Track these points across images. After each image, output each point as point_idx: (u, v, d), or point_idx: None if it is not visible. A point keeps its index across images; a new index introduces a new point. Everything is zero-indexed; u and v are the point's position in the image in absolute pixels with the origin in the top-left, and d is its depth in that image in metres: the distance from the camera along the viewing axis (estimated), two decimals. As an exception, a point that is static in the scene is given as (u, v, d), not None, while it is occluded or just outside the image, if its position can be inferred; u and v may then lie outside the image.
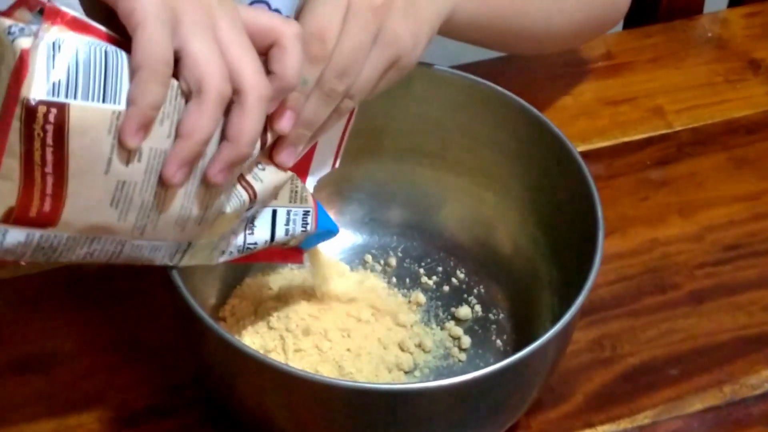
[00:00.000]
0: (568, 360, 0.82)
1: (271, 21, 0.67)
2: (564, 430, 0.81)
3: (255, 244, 0.73)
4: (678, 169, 0.99)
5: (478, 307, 0.86)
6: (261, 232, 0.73)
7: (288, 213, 0.74)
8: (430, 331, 0.84)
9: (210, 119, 0.64)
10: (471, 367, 0.82)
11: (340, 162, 0.81)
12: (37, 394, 0.80)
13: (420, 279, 0.88)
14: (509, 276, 0.86)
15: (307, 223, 0.74)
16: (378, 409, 0.70)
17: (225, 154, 0.66)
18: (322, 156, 0.79)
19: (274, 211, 0.73)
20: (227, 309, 0.83)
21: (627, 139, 1.01)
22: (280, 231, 0.74)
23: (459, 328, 0.84)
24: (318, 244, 0.79)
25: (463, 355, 0.83)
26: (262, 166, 0.71)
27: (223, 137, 0.66)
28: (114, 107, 0.62)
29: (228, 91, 0.64)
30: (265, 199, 0.72)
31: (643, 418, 0.81)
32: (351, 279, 0.85)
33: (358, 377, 0.78)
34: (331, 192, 0.88)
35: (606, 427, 0.81)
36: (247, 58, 0.65)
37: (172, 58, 0.62)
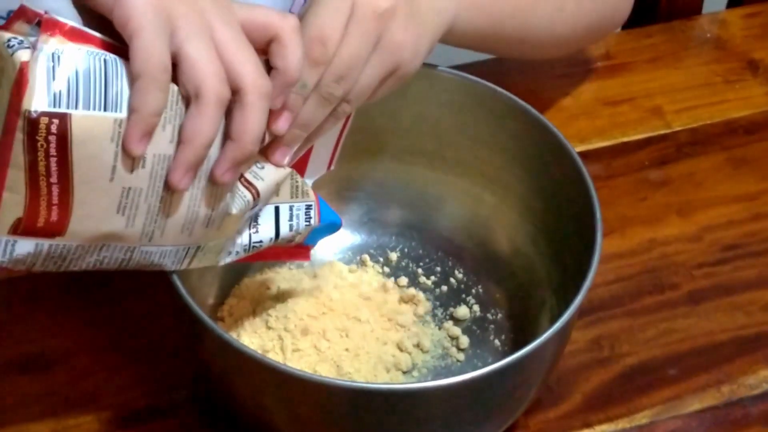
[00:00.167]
0: (566, 360, 0.82)
1: (268, 17, 0.67)
2: (562, 430, 0.81)
3: (260, 242, 0.73)
4: (677, 170, 0.99)
5: (476, 307, 0.86)
6: (265, 230, 0.73)
7: (291, 208, 0.74)
8: (429, 331, 0.84)
9: (210, 123, 0.64)
10: (469, 367, 0.82)
11: (336, 163, 0.81)
12: (37, 393, 0.80)
13: (418, 279, 0.88)
14: (508, 276, 0.86)
15: (310, 217, 0.74)
16: (376, 409, 0.70)
17: (230, 154, 0.66)
18: (319, 158, 0.79)
19: (276, 208, 0.73)
20: (226, 309, 0.83)
21: (626, 139, 1.01)
22: (284, 227, 0.74)
23: (457, 328, 0.84)
24: (322, 239, 0.79)
25: (461, 355, 0.83)
26: (261, 164, 0.71)
27: (227, 137, 0.66)
28: (116, 115, 0.62)
29: (226, 92, 0.64)
30: (267, 197, 0.72)
31: (641, 418, 0.81)
32: (349, 279, 0.85)
33: (357, 377, 0.78)
34: (330, 192, 0.88)
35: (604, 426, 0.81)
36: (245, 57, 0.65)
37: (169, 63, 0.62)
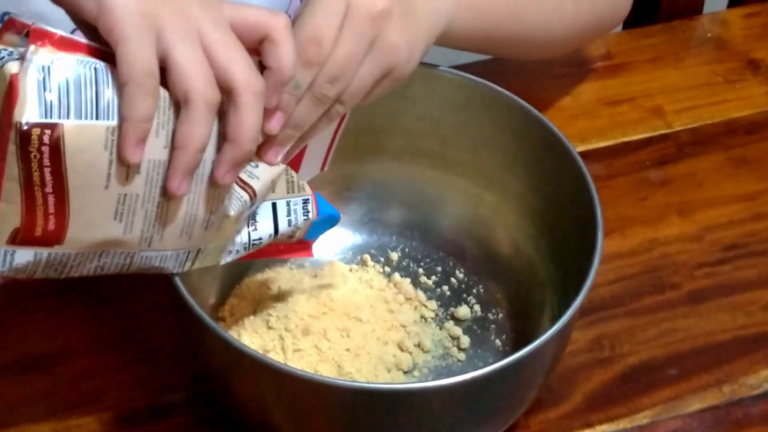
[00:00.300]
0: (567, 360, 0.82)
1: (258, 15, 0.67)
2: (563, 430, 0.81)
3: (260, 239, 0.73)
4: (677, 169, 0.99)
5: (477, 306, 0.86)
6: (264, 227, 0.73)
7: (288, 204, 0.74)
8: (429, 330, 0.84)
9: (201, 127, 0.63)
10: (470, 367, 0.82)
11: (330, 164, 0.81)
12: (37, 394, 0.80)
13: (419, 279, 0.88)
14: (508, 276, 0.86)
15: (308, 211, 0.74)
16: (377, 408, 0.70)
17: (229, 155, 0.66)
18: (313, 158, 0.79)
19: (273, 204, 0.73)
20: (226, 309, 0.83)
21: (626, 139, 1.01)
22: (282, 223, 0.74)
23: (458, 328, 0.84)
24: (323, 234, 0.78)
25: (462, 355, 0.83)
26: (254, 163, 0.71)
27: (224, 138, 0.66)
28: (108, 123, 0.62)
29: (215, 95, 0.63)
30: (263, 195, 0.72)
31: (642, 418, 0.81)
32: (350, 279, 0.85)
33: (357, 377, 0.78)
34: (331, 192, 0.87)
35: (605, 426, 0.81)
36: (236, 57, 0.64)
37: (156, 68, 0.62)
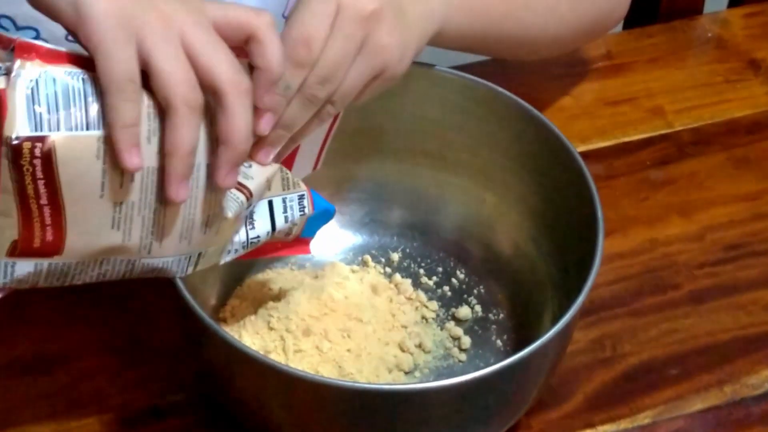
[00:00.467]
0: (568, 360, 0.82)
1: (241, 15, 0.66)
2: (564, 430, 0.81)
3: (257, 237, 0.73)
4: (678, 169, 0.99)
5: (478, 307, 0.86)
6: (261, 225, 0.73)
7: (284, 200, 0.74)
8: (430, 331, 0.84)
9: (187, 131, 0.63)
10: (471, 367, 0.82)
11: (322, 163, 0.81)
12: (39, 395, 0.80)
13: (420, 279, 0.88)
14: (509, 276, 0.86)
15: (304, 207, 0.74)
16: (378, 409, 0.70)
17: (224, 158, 0.66)
18: (305, 158, 0.79)
19: (270, 202, 0.73)
20: (228, 310, 0.83)
21: (627, 139, 1.01)
22: (279, 219, 0.74)
23: (459, 329, 0.84)
24: (319, 230, 0.78)
25: (463, 356, 0.83)
26: (248, 164, 0.71)
27: (218, 141, 0.65)
28: (99, 133, 0.62)
29: (196, 98, 0.63)
30: (259, 194, 0.72)
31: (643, 418, 0.81)
32: (351, 279, 0.85)
33: (359, 378, 0.78)
34: (332, 192, 0.88)
35: (606, 426, 0.81)
36: (219, 58, 0.64)
37: (136, 74, 0.61)
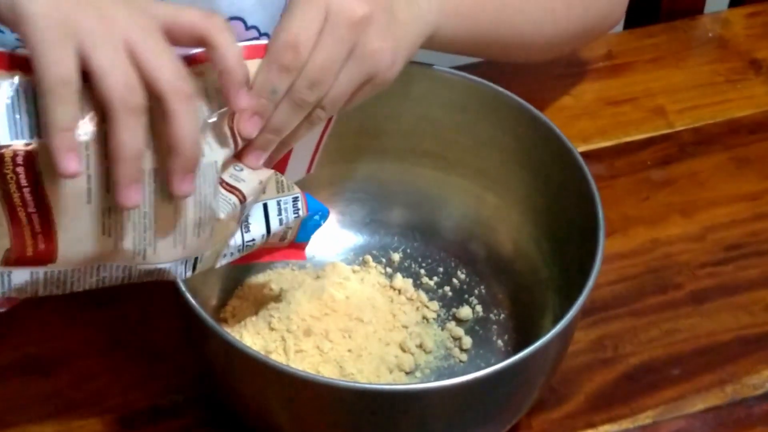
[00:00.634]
0: (569, 360, 0.81)
1: (192, 18, 0.65)
2: (565, 430, 0.81)
3: (253, 240, 0.73)
4: (679, 169, 0.99)
5: (479, 307, 0.86)
6: (256, 228, 0.73)
7: (278, 203, 0.74)
8: (431, 331, 0.84)
9: (128, 135, 0.61)
10: (472, 367, 0.82)
11: (316, 166, 0.81)
12: (40, 395, 0.80)
13: (421, 279, 0.88)
14: (510, 276, 0.86)
15: (298, 209, 0.75)
16: (379, 409, 0.70)
17: (174, 166, 0.64)
18: (298, 161, 0.79)
19: (264, 205, 0.74)
20: (228, 310, 0.83)
21: (628, 139, 1.01)
22: (274, 222, 0.74)
23: (460, 329, 0.84)
24: (314, 234, 0.78)
25: (464, 356, 0.83)
26: (239, 167, 0.71)
27: (168, 149, 0.64)
28: (81, 137, 0.62)
29: (136, 100, 0.61)
30: (254, 197, 0.72)
31: (644, 418, 0.81)
32: (352, 279, 0.85)
33: (359, 378, 0.78)
34: (332, 193, 0.88)
35: (607, 427, 0.81)
36: (162, 61, 0.62)
37: (73, 76, 0.59)
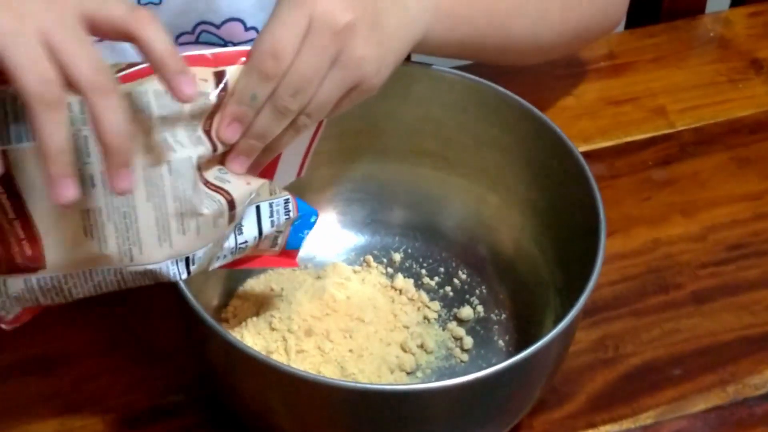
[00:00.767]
0: (570, 360, 0.81)
1: (113, 11, 0.63)
2: (567, 430, 0.80)
3: (245, 242, 0.73)
4: (681, 169, 0.99)
5: (480, 307, 0.86)
6: (249, 230, 0.74)
7: (270, 205, 0.74)
8: (432, 331, 0.84)
9: (48, 129, 0.59)
10: (473, 367, 0.82)
11: (307, 170, 0.81)
12: (41, 395, 0.81)
13: (422, 279, 0.88)
14: (511, 276, 0.86)
15: (289, 210, 0.75)
16: (380, 409, 0.70)
17: (108, 161, 0.62)
18: (288, 165, 0.79)
19: (257, 207, 0.74)
20: (229, 310, 0.83)
21: (629, 139, 1.01)
22: (266, 224, 0.74)
23: (461, 329, 0.84)
24: (305, 238, 0.78)
25: (465, 356, 0.83)
26: (225, 170, 0.71)
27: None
28: None
29: (52, 94, 0.59)
30: (243, 198, 0.72)
31: (646, 419, 0.81)
32: (353, 280, 0.85)
33: (361, 378, 0.78)
34: (333, 193, 0.88)
35: (609, 427, 0.81)
36: (79, 57, 0.60)
37: None
